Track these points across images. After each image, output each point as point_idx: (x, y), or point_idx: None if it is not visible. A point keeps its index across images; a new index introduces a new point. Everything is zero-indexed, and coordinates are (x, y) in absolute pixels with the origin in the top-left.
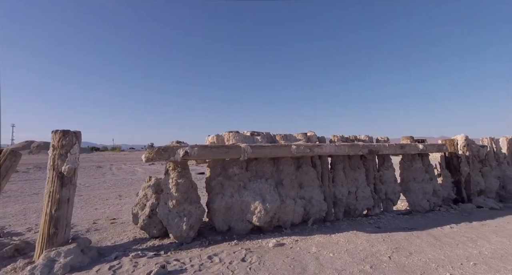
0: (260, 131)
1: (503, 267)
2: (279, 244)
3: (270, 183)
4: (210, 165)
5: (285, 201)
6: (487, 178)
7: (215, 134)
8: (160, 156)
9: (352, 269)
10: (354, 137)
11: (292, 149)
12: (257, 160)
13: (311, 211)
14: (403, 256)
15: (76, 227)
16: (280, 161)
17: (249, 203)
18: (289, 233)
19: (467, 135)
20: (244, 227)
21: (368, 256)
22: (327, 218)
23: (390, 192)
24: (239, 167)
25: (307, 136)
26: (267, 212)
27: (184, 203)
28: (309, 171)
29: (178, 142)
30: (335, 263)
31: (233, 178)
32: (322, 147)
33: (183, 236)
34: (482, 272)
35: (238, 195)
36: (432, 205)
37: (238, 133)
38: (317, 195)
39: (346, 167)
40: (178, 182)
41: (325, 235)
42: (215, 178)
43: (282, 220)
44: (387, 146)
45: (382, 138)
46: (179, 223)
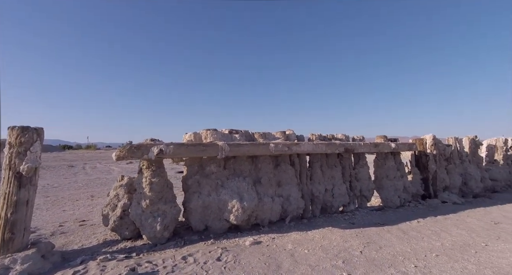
0: (238, 130)
1: (461, 257)
2: (256, 242)
3: (248, 181)
4: (187, 163)
5: (263, 199)
6: (452, 175)
7: (193, 132)
8: (133, 154)
9: (325, 264)
10: (331, 136)
11: (270, 147)
12: (235, 158)
13: (289, 209)
14: (373, 250)
15: (39, 230)
16: (259, 159)
17: (227, 202)
18: (266, 231)
19: (434, 135)
20: (222, 226)
21: (341, 251)
22: (305, 215)
23: (365, 189)
24: (217, 165)
25: (285, 135)
26: (245, 211)
27: (158, 203)
28: (287, 169)
29: (152, 140)
30: (310, 259)
31: (210, 177)
32: (301, 146)
33: (157, 236)
34: (443, 262)
35: (216, 194)
36: (403, 201)
37: (216, 131)
38: (295, 193)
39: (324, 165)
40: (152, 181)
41: (301, 232)
42: (192, 177)
43: (260, 218)
44: (362, 145)
45: (358, 137)
46: (153, 224)
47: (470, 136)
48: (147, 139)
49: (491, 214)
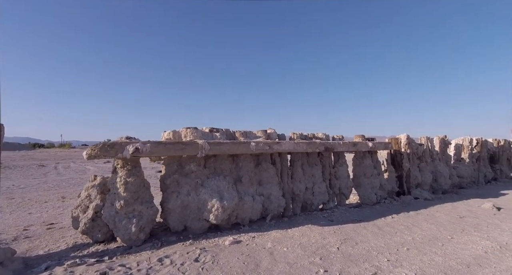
0: (219, 128)
1: (429, 250)
2: (236, 242)
3: (229, 180)
4: (166, 162)
5: (243, 198)
6: (423, 172)
7: (172, 131)
8: (106, 152)
9: (303, 261)
10: (312, 135)
11: (251, 146)
12: (216, 157)
13: (270, 208)
14: (350, 246)
15: (0, 235)
16: (240, 158)
17: (207, 201)
18: (247, 230)
19: (408, 135)
20: (201, 226)
21: (319, 248)
22: (285, 214)
23: (344, 187)
24: (196, 164)
25: (267, 133)
26: (225, 210)
27: (134, 203)
28: (268, 168)
29: (128, 138)
30: (288, 257)
31: (190, 176)
32: (282, 144)
33: (132, 238)
34: (413, 255)
35: (195, 193)
36: (379, 198)
37: (196, 129)
38: (276, 192)
39: (305, 164)
40: (128, 181)
41: (281, 230)
42: (170, 176)
43: (240, 217)
44: (341, 144)
45: (337, 136)
46: (128, 225)
47: (440, 136)
48: (122, 137)
49: (457, 209)
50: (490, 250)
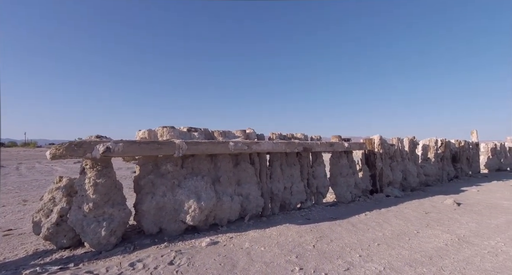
0: (197, 128)
1: (397, 245)
2: (213, 243)
3: (207, 181)
4: (140, 162)
5: (222, 198)
6: (394, 171)
7: (147, 129)
8: (73, 152)
9: (279, 260)
10: (291, 135)
11: (230, 145)
12: (194, 157)
13: (248, 207)
14: (325, 244)
15: None
16: (218, 157)
17: (183, 202)
18: (225, 231)
19: (381, 135)
20: (177, 227)
21: (296, 247)
22: (264, 213)
23: (321, 186)
24: (173, 164)
25: (246, 133)
26: (202, 210)
27: (104, 206)
28: (247, 168)
29: (98, 137)
30: (265, 256)
31: (166, 176)
32: (260, 144)
33: (102, 243)
34: (383, 250)
35: (172, 194)
36: (354, 196)
37: (173, 128)
38: (254, 192)
39: (283, 164)
40: (97, 182)
41: (259, 229)
42: (145, 176)
43: (218, 218)
44: (319, 144)
45: (315, 136)
46: (97, 229)
47: (410, 137)
48: (92, 136)
49: (423, 205)
50: (450, 243)
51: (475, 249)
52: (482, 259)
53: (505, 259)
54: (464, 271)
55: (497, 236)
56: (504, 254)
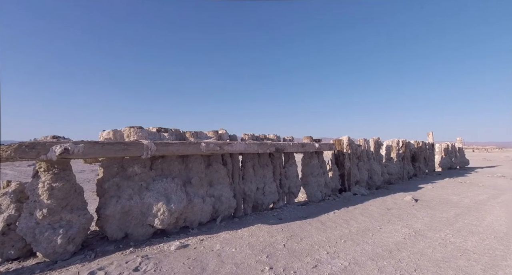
0: (168, 128)
1: (362, 240)
2: (183, 246)
3: (177, 182)
4: (104, 164)
5: (193, 200)
6: (361, 171)
7: (112, 130)
8: (23, 154)
9: (250, 261)
10: (264, 136)
11: (201, 146)
12: (164, 158)
13: (220, 209)
14: (295, 242)
15: None
16: (190, 158)
17: (152, 205)
18: (195, 233)
19: (349, 136)
20: (145, 231)
21: (267, 247)
22: (236, 214)
23: (293, 186)
24: (141, 165)
25: (218, 134)
26: (172, 213)
27: (61, 212)
28: (219, 169)
29: (55, 137)
30: (236, 257)
31: (133, 178)
32: (233, 145)
33: (58, 252)
34: (349, 246)
35: (139, 197)
36: (324, 195)
37: (141, 129)
38: (227, 193)
39: (256, 164)
40: (53, 186)
41: (231, 231)
42: (109, 179)
43: (189, 220)
44: (291, 145)
45: (288, 137)
46: (52, 237)
47: (375, 138)
48: (48, 136)
49: (386, 202)
50: (408, 236)
51: (428, 241)
52: (433, 250)
53: (453, 249)
54: (418, 262)
55: (446, 229)
56: (452, 245)
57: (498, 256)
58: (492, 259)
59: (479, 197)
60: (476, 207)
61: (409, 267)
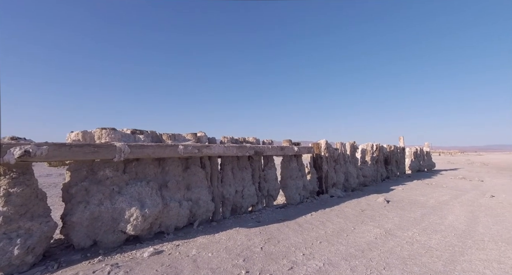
0: (143, 130)
1: (336, 241)
2: (157, 252)
3: (152, 186)
4: (72, 167)
5: (169, 204)
6: (338, 173)
7: (82, 131)
8: None
9: (226, 265)
10: (243, 139)
11: (179, 149)
12: (139, 161)
13: (198, 213)
14: (272, 245)
15: None
16: (166, 161)
17: (124, 210)
18: (171, 238)
19: (327, 140)
20: (116, 238)
21: (244, 250)
22: (215, 218)
23: (272, 189)
24: (113, 169)
25: (197, 136)
26: (146, 218)
27: (20, 220)
28: (197, 172)
29: (14, 138)
30: (212, 262)
31: (104, 182)
32: (211, 148)
33: (14, 264)
34: (324, 247)
35: (110, 202)
36: (302, 198)
37: (114, 130)
38: (205, 196)
39: (235, 167)
40: (11, 192)
41: (208, 235)
42: (77, 183)
43: (164, 225)
44: (270, 148)
45: (267, 140)
46: (8, 248)
47: (351, 142)
48: (5, 137)
49: (360, 204)
50: (379, 236)
51: (397, 240)
52: (401, 248)
53: (418, 247)
54: (387, 260)
55: (413, 228)
56: (417, 243)
57: (457, 252)
58: (451, 255)
59: (442, 197)
60: (440, 206)
61: (379, 266)
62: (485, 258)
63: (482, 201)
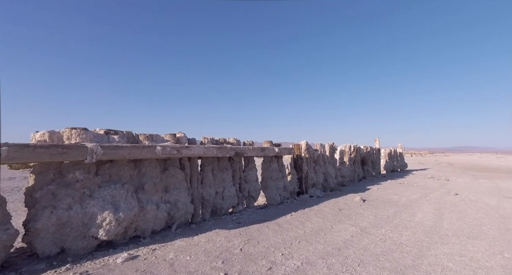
0: (118, 130)
1: (315, 240)
2: (132, 257)
3: (128, 188)
4: (37, 170)
5: (145, 207)
6: (318, 174)
7: (48, 131)
8: None
9: (205, 268)
10: (223, 140)
11: (157, 150)
12: (113, 163)
13: (177, 215)
14: (252, 246)
15: None
16: (143, 163)
17: (96, 214)
18: (147, 242)
19: (307, 141)
20: (86, 244)
21: (223, 252)
22: (194, 220)
23: (253, 190)
24: (84, 171)
25: (176, 137)
26: (120, 223)
27: None
28: (176, 173)
29: None
30: (190, 265)
31: (74, 186)
32: (191, 149)
33: None
34: (302, 247)
35: (80, 206)
36: (283, 198)
37: (86, 131)
38: (183, 198)
39: (215, 168)
40: None
41: (187, 238)
42: (43, 187)
43: (141, 229)
44: (251, 149)
45: (248, 141)
46: None
47: (330, 143)
48: None
49: (338, 203)
50: (355, 234)
51: (371, 238)
52: (375, 245)
53: (391, 244)
54: (362, 257)
55: (386, 225)
56: (390, 240)
57: (425, 247)
58: (420, 250)
59: (413, 196)
60: (411, 205)
61: (353, 263)
62: (449, 252)
63: (447, 199)
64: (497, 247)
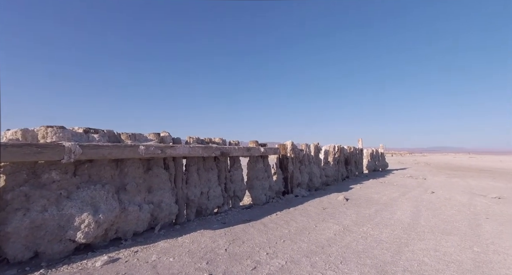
0: (98, 129)
1: (299, 239)
2: (112, 260)
3: (109, 189)
4: (7, 170)
5: (127, 208)
6: (303, 174)
7: (21, 129)
8: None
9: (188, 269)
10: (209, 139)
11: (140, 149)
12: (93, 163)
13: (160, 216)
14: (236, 246)
15: None
16: (126, 163)
17: (73, 216)
18: (129, 245)
19: (293, 141)
20: (63, 248)
21: (208, 252)
22: (178, 221)
23: (238, 189)
24: (61, 171)
25: (160, 137)
26: (100, 224)
27: None
28: (160, 173)
29: None
30: (173, 267)
31: (49, 186)
32: (176, 148)
33: None
34: (287, 246)
35: (56, 208)
36: (268, 198)
37: (63, 129)
38: (167, 198)
39: (201, 168)
40: None
41: (171, 239)
42: (14, 188)
43: (122, 231)
44: (237, 149)
45: (234, 141)
46: None
47: (315, 143)
48: None
49: (322, 202)
50: (337, 232)
51: (353, 236)
52: (357, 243)
53: (371, 241)
54: (344, 254)
55: (368, 223)
56: (371, 237)
57: (403, 244)
58: (398, 246)
59: (393, 194)
60: (391, 203)
61: (336, 260)
62: (425, 248)
63: (424, 197)
64: (468, 242)
